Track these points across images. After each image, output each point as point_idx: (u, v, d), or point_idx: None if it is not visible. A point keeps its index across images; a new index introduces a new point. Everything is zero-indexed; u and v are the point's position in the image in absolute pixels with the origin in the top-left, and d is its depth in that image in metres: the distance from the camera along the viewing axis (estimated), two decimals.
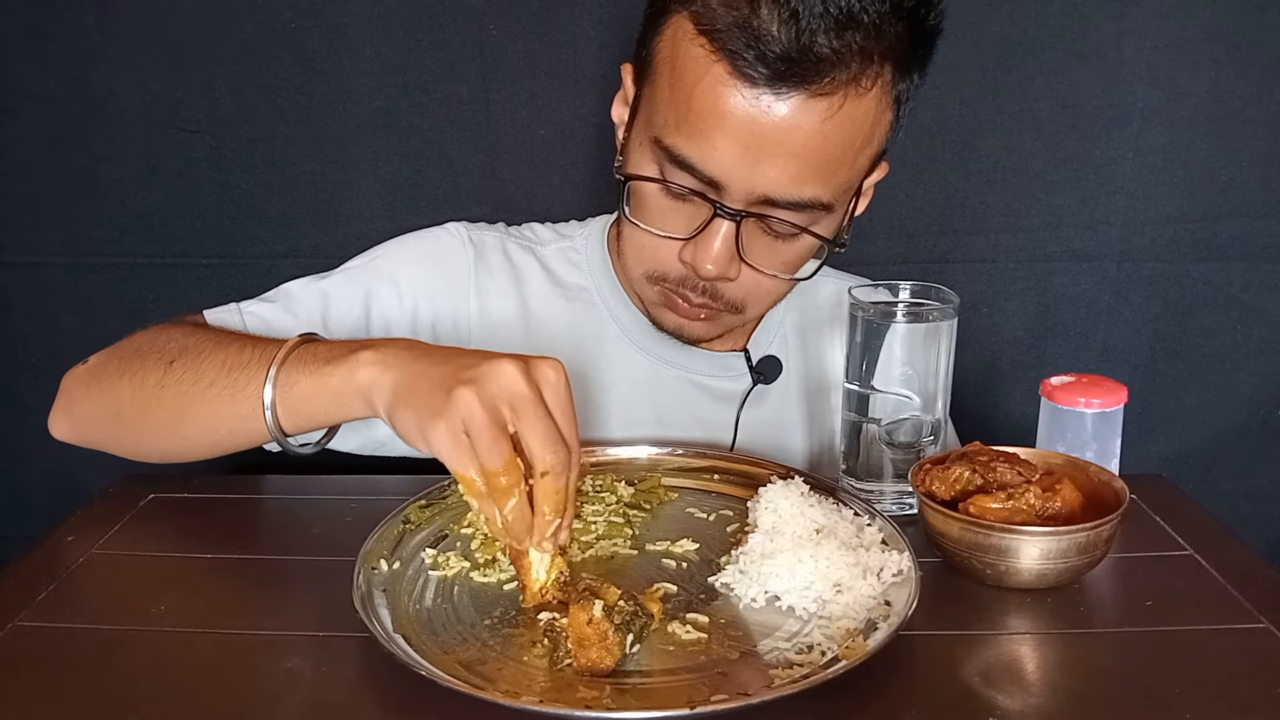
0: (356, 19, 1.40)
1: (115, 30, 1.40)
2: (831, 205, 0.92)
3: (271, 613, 0.79)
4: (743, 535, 0.84)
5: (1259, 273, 1.48)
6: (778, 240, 0.94)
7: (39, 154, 1.45)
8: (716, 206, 0.90)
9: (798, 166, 0.87)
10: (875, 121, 0.90)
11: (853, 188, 0.95)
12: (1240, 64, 1.40)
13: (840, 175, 0.90)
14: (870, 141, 0.91)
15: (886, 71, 0.87)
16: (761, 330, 1.14)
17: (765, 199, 0.89)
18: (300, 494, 1.01)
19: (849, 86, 0.85)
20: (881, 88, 0.88)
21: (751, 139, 0.86)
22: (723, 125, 0.86)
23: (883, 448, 0.92)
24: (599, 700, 0.65)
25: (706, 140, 0.87)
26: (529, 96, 1.43)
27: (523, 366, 0.73)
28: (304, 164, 1.45)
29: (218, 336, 0.92)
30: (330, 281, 1.09)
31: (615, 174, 0.97)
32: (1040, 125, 1.44)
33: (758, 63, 0.83)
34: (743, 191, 0.89)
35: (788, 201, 0.89)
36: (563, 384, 0.75)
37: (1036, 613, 0.77)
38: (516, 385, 0.72)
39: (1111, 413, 0.91)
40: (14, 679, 0.70)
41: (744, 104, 0.85)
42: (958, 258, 1.49)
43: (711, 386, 1.11)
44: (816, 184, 0.89)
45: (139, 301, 1.49)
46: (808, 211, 0.91)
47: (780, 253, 0.96)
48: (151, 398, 0.91)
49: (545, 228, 1.18)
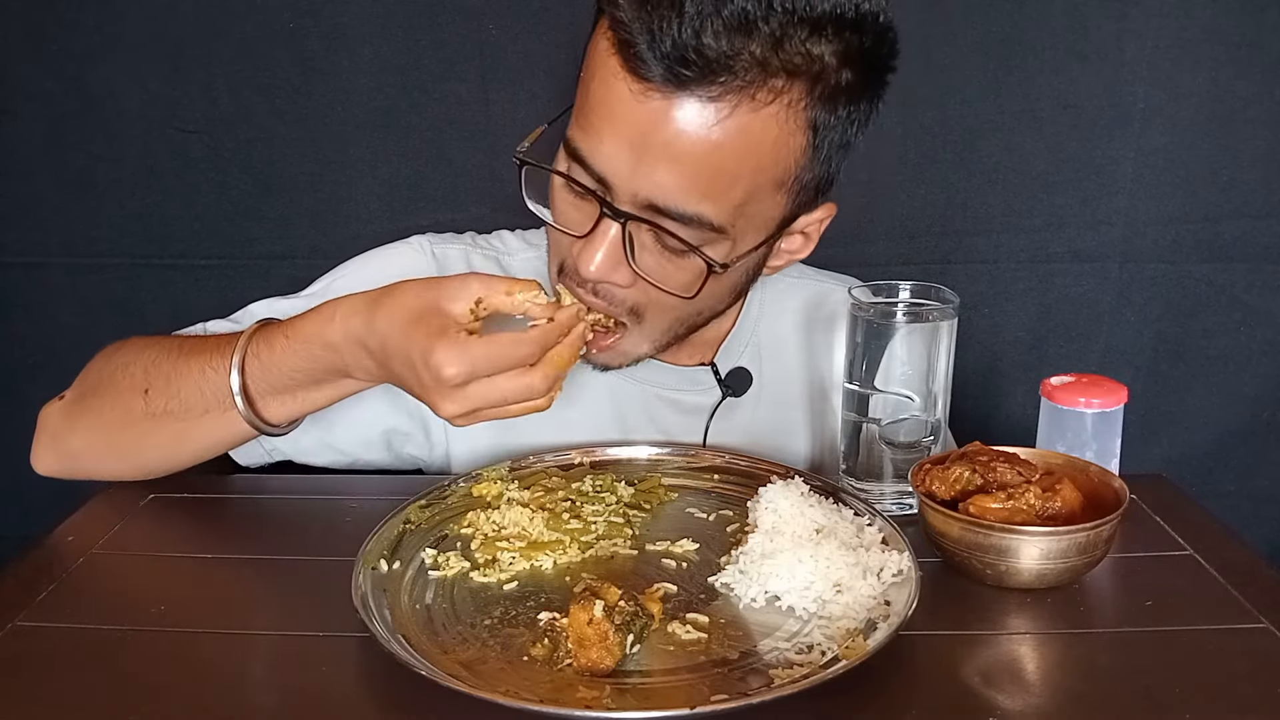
0: (356, 19, 1.40)
1: (115, 30, 1.40)
2: (723, 229, 0.87)
3: (271, 613, 0.79)
4: (743, 535, 0.84)
5: (1261, 273, 1.47)
6: (670, 254, 0.90)
7: (38, 154, 1.45)
8: (604, 206, 0.88)
9: (682, 173, 0.84)
10: (777, 143, 0.85)
11: (756, 215, 0.90)
12: (1240, 64, 1.40)
13: (732, 195, 0.86)
14: (770, 164, 0.86)
15: (793, 91, 0.83)
16: (731, 341, 1.12)
17: (651, 204, 0.86)
18: (300, 494, 1.01)
19: (741, 95, 0.82)
20: (787, 106, 0.83)
21: (636, 137, 0.84)
22: (611, 120, 0.85)
23: (883, 448, 0.92)
24: (599, 700, 0.65)
25: (596, 135, 0.86)
26: (529, 96, 1.43)
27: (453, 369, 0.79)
28: (302, 164, 1.45)
29: (176, 353, 0.94)
30: (293, 302, 1.07)
31: (513, 157, 0.94)
32: (1041, 125, 1.44)
33: (647, 56, 0.81)
34: (628, 192, 0.86)
35: (675, 212, 0.86)
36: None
37: (1036, 613, 0.77)
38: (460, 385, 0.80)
39: (1111, 413, 0.91)
40: (14, 679, 0.70)
41: (631, 99, 0.83)
42: (959, 258, 1.49)
43: (679, 400, 1.10)
44: (703, 197, 0.85)
45: (138, 302, 1.49)
46: (696, 229, 0.87)
47: (673, 268, 0.91)
48: (142, 426, 0.93)
49: (515, 236, 1.16)
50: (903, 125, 1.43)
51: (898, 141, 1.45)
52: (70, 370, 1.01)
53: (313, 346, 0.87)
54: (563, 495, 0.91)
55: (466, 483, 0.94)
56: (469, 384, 0.79)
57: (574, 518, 0.87)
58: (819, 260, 1.19)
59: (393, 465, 1.11)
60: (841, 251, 1.28)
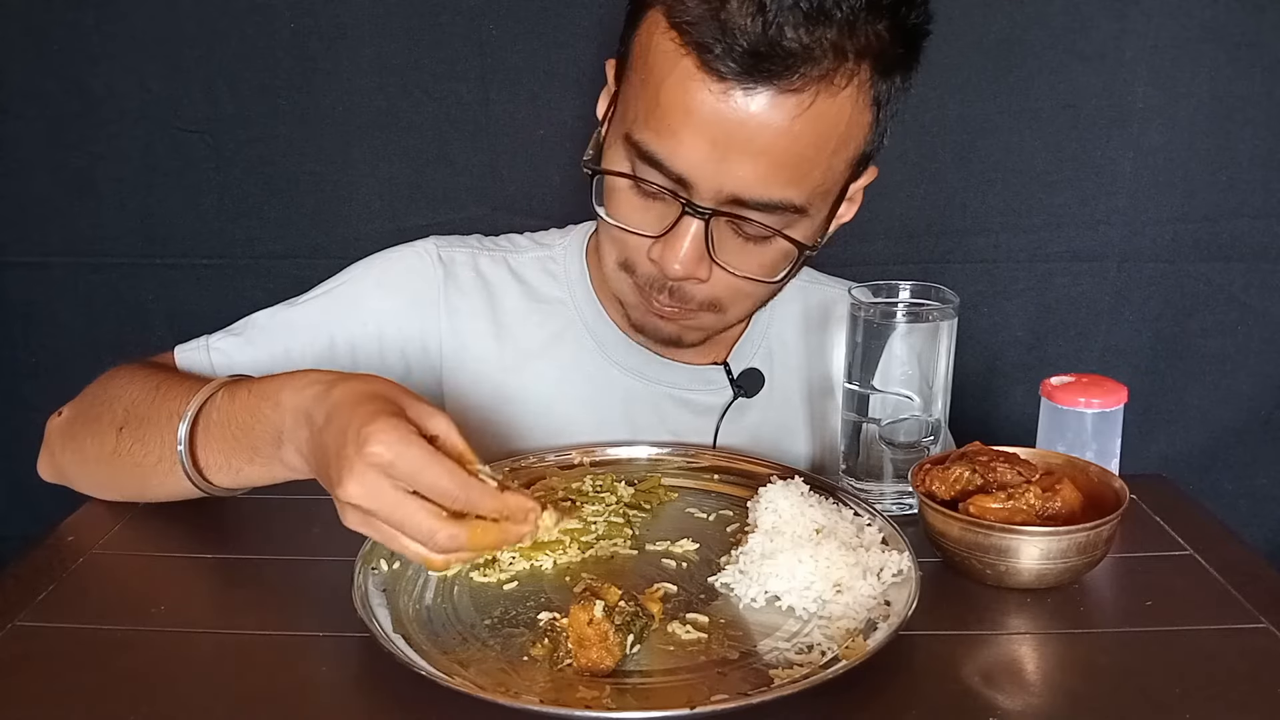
0: (356, 19, 1.40)
1: (115, 30, 1.40)
2: (804, 208, 0.89)
3: (271, 612, 0.79)
4: (743, 535, 0.84)
5: (1259, 273, 1.48)
6: (750, 242, 0.92)
7: (38, 154, 1.45)
8: (685, 204, 0.88)
9: (767, 165, 0.85)
10: (851, 122, 0.87)
11: (829, 191, 0.92)
12: (1240, 64, 1.40)
13: (813, 177, 0.88)
14: (846, 144, 0.89)
15: (863, 70, 0.85)
16: (744, 342, 1.12)
17: (734, 198, 0.87)
18: (300, 494, 1.01)
19: (820, 83, 0.83)
20: (857, 87, 0.85)
21: (719, 135, 0.84)
22: (690, 121, 0.85)
23: (883, 448, 0.92)
24: (599, 700, 0.65)
25: (674, 136, 0.86)
26: (529, 96, 1.43)
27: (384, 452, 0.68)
28: (304, 164, 1.45)
29: (154, 394, 0.91)
30: (296, 311, 1.07)
31: (583, 168, 0.95)
32: (1041, 125, 1.44)
33: (725, 56, 0.81)
34: (711, 190, 0.87)
35: (758, 202, 0.87)
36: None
37: (1036, 613, 0.77)
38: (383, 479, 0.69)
39: (1111, 413, 0.91)
40: (14, 679, 0.70)
41: (712, 99, 0.83)
42: (958, 258, 1.49)
43: (690, 400, 1.10)
44: (787, 185, 0.87)
45: (139, 301, 1.49)
46: (779, 213, 0.89)
47: (753, 255, 0.93)
48: (111, 464, 0.91)
49: (524, 237, 1.16)
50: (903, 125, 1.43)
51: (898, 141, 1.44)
52: (70, 370, 1.01)
53: (265, 404, 0.81)
54: (563, 495, 0.91)
55: None
56: (384, 478, 0.68)
57: (574, 518, 0.87)
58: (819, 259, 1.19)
59: None
60: (841, 251, 1.28)
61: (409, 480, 0.69)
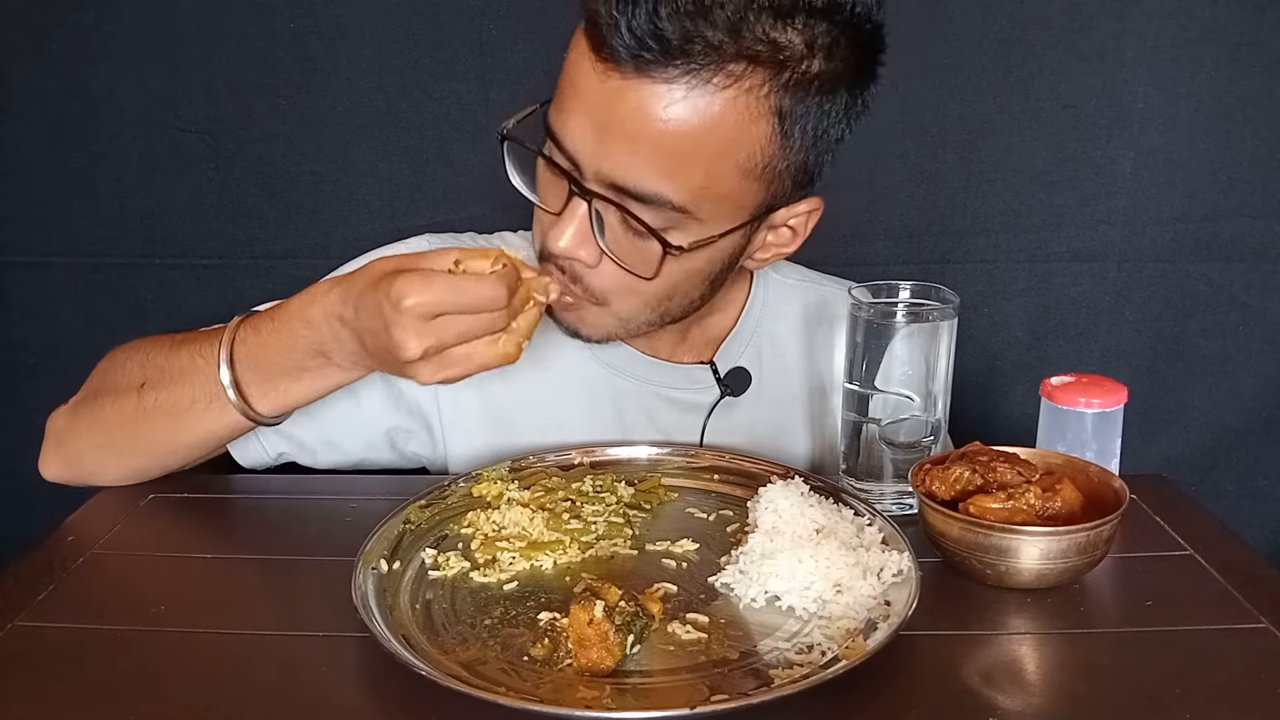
0: (356, 19, 1.40)
1: (115, 30, 1.40)
2: (686, 209, 0.88)
3: (271, 613, 0.79)
4: (743, 535, 0.84)
5: (1260, 273, 1.48)
6: (636, 237, 0.91)
7: (38, 154, 1.45)
8: (571, 184, 0.90)
9: (640, 154, 0.86)
10: (737, 128, 0.85)
11: (722, 199, 0.89)
12: (1240, 64, 1.41)
13: (692, 177, 0.87)
14: (732, 149, 0.86)
15: (754, 76, 0.83)
16: (732, 341, 1.12)
17: (613, 183, 0.88)
18: (300, 494, 1.01)
19: (695, 78, 0.82)
20: (746, 92, 0.84)
21: (599, 117, 0.86)
22: (578, 100, 0.87)
23: (883, 448, 0.92)
24: (599, 700, 0.65)
25: (566, 114, 0.88)
26: (529, 96, 1.42)
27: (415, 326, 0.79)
28: (304, 164, 1.45)
29: (169, 347, 0.95)
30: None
31: (496, 133, 0.94)
32: (1041, 125, 1.44)
33: (608, 39, 0.83)
34: (592, 171, 0.88)
35: (636, 192, 0.87)
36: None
37: (1036, 613, 0.77)
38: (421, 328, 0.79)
39: (1111, 413, 0.91)
40: (14, 679, 0.70)
41: (595, 81, 0.85)
42: (958, 258, 1.49)
43: (677, 399, 1.10)
44: (662, 178, 0.86)
45: (139, 301, 1.49)
46: (659, 209, 0.88)
47: (638, 249, 0.92)
48: (136, 423, 0.94)
49: (517, 235, 1.16)
50: (903, 125, 1.44)
51: (898, 141, 1.45)
52: (70, 370, 1.01)
53: (295, 324, 0.87)
54: (563, 495, 0.91)
55: (466, 483, 0.94)
56: (428, 320, 0.79)
57: (574, 518, 0.87)
58: (819, 259, 1.19)
59: (398, 464, 1.11)
60: (841, 251, 1.28)
61: (450, 306, 0.79)
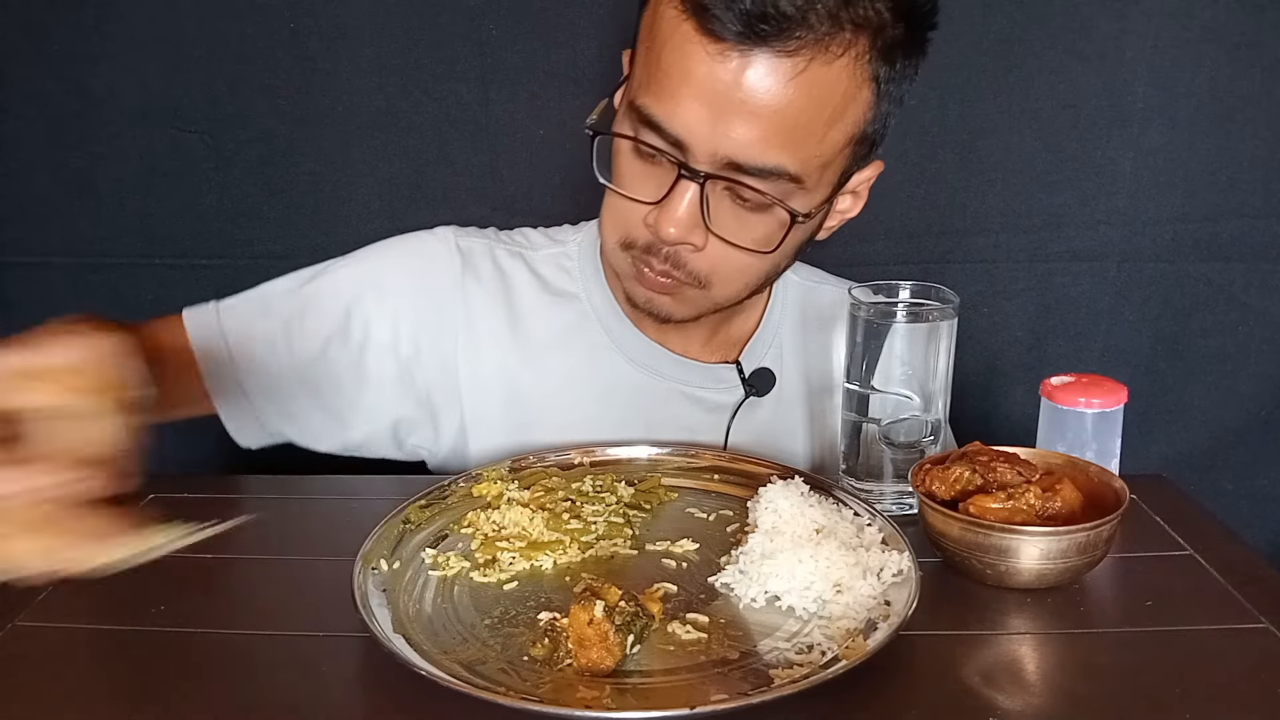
0: (356, 19, 1.40)
1: (115, 30, 1.40)
2: (800, 178, 0.90)
3: (271, 612, 0.79)
4: (743, 535, 0.84)
5: (1259, 273, 1.48)
6: (746, 212, 0.92)
7: (38, 154, 1.45)
8: (681, 167, 0.89)
9: (761, 128, 0.86)
10: (846, 95, 0.88)
11: (826, 165, 0.92)
12: (1240, 64, 1.40)
13: (808, 145, 0.89)
14: (842, 115, 0.89)
15: (860, 43, 0.86)
16: (756, 341, 1.13)
17: (729, 162, 0.88)
18: (300, 494, 1.01)
19: (814, 48, 0.84)
20: (854, 59, 0.86)
21: (715, 97, 0.86)
22: (688, 83, 0.86)
23: (883, 448, 0.92)
24: (599, 700, 0.65)
25: (672, 98, 0.87)
26: (529, 96, 1.43)
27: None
28: (304, 164, 1.45)
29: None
30: (314, 285, 1.08)
31: (585, 129, 0.95)
32: (1041, 125, 1.44)
33: (723, 18, 0.83)
34: (706, 152, 0.88)
35: (753, 167, 0.88)
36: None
37: (1036, 613, 0.77)
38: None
39: (1111, 413, 0.91)
40: (14, 679, 0.70)
41: (708, 61, 0.85)
42: (958, 258, 1.49)
43: (702, 398, 1.10)
44: (781, 150, 0.88)
45: (138, 302, 1.49)
46: (774, 180, 0.89)
47: (749, 225, 0.93)
48: None
49: (538, 232, 1.17)
50: (903, 125, 1.43)
51: (898, 141, 1.44)
52: None
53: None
54: (563, 495, 0.91)
55: (466, 483, 0.94)
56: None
57: (574, 518, 0.87)
58: (819, 259, 1.20)
59: (396, 457, 1.11)
60: (841, 251, 1.28)
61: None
